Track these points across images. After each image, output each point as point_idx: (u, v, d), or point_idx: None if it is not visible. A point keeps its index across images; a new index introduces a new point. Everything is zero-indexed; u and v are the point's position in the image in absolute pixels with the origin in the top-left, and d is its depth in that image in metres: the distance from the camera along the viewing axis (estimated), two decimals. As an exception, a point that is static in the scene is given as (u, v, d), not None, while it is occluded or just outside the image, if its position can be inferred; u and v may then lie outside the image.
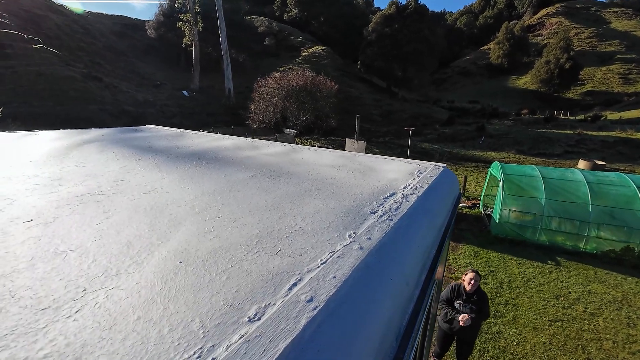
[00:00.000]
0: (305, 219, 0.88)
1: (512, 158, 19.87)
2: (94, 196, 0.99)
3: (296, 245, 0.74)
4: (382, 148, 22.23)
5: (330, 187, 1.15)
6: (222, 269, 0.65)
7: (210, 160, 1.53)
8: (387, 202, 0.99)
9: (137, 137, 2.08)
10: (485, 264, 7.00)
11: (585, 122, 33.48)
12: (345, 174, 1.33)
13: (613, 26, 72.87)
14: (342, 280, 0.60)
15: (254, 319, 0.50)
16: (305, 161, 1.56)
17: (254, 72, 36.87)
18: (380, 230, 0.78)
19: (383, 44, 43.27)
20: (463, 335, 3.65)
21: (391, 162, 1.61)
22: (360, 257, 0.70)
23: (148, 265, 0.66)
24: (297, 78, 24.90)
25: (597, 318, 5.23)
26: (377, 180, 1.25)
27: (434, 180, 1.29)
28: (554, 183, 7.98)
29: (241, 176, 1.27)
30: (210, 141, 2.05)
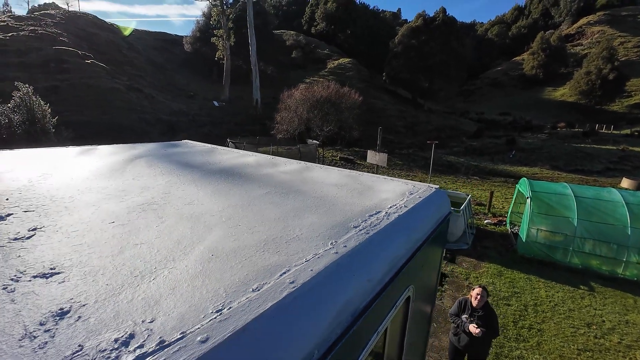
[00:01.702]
0: (302, 230, 1.11)
1: (545, 174, 18.84)
2: (150, 205, 1.29)
3: (291, 248, 0.99)
4: (405, 160, 21.99)
5: (328, 204, 1.37)
6: (239, 261, 0.93)
7: (236, 176, 1.82)
8: (370, 219, 1.21)
9: (177, 152, 2.43)
10: (509, 284, 6.75)
11: (631, 137, 30.99)
12: (344, 193, 1.55)
13: (664, 34, 67.37)
14: (316, 272, 0.86)
15: (256, 289, 0.78)
16: (314, 179, 1.80)
17: (281, 83, 38.18)
18: (356, 240, 1.01)
19: (409, 55, 43.17)
20: (472, 351, 3.62)
21: (389, 182, 1.79)
22: (333, 259, 0.94)
23: (192, 255, 0.95)
24: (321, 89, 25.50)
25: (635, 351, 4.86)
26: (370, 200, 1.46)
27: (421, 201, 1.48)
28: (588, 203, 7.56)
29: (259, 192, 1.53)
30: (236, 157, 2.35)
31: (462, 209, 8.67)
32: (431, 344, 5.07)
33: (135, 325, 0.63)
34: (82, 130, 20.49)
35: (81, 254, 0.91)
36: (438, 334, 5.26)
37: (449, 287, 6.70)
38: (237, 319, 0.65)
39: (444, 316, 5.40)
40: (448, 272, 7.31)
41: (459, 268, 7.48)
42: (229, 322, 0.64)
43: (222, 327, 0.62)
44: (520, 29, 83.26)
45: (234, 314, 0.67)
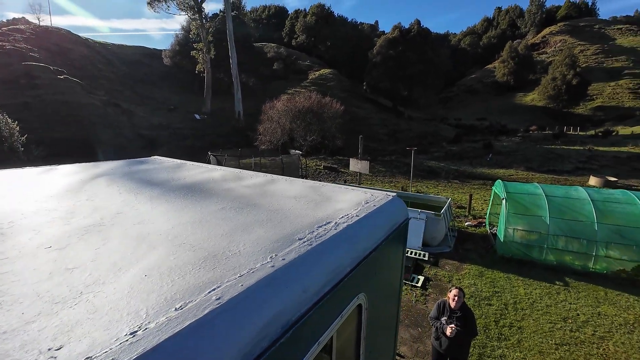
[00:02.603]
0: (246, 245, 1.12)
1: (520, 175, 19.64)
2: (97, 227, 1.26)
3: (229, 264, 0.99)
4: (388, 167, 22.37)
5: (280, 217, 1.39)
6: (171, 280, 0.92)
7: (196, 192, 1.80)
8: (317, 230, 1.23)
9: (141, 170, 2.38)
10: (490, 284, 6.90)
11: (596, 138, 32.95)
12: (301, 205, 1.57)
13: (618, 42, 73.02)
14: (246, 287, 0.87)
15: (179, 308, 0.77)
16: (274, 192, 1.81)
17: (263, 95, 38.33)
18: (297, 253, 1.03)
19: (388, 65, 44.54)
20: (453, 354, 3.66)
21: (349, 192, 1.83)
22: (268, 272, 0.95)
23: (124, 277, 0.94)
24: (304, 100, 25.80)
25: (607, 342, 5.05)
26: (324, 211, 1.48)
27: (374, 210, 1.52)
28: (559, 201, 7.92)
29: (214, 208, 1.52)
30: (202, 172, 2.33)
31: (442, 213, 8.87)
32: (417, 349, 5.08)
33: (40, 354, 0.62)
34: (56, 147, 19.67)
35: (3, 283, 0.88)
36: (423, 339, 5.28)
37: (432, 290, 6.77)
38: (149, 340, 0.64)
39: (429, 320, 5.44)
40: (431, 275, 7.40)
41: (442, 271, 7.59)
42: (140, 344, 0.63)
43: (131, 350, 0.61)
44: (490, 38, 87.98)
45: (147, 335, 0.66)
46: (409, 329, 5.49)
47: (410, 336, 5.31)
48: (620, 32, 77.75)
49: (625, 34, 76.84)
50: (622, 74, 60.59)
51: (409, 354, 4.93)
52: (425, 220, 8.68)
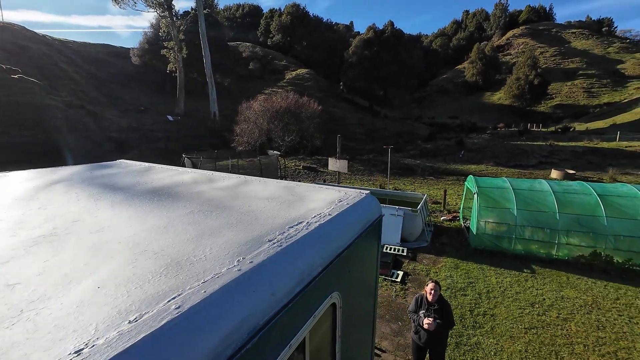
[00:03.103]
0: (213, 249, 1.08)
1: (490, 170, 20.67)
2: (48, 237, 1.16)
3: (194, 270, 0.94)
4: (366, 165, 22.71)
5: (251, 219, 1.35)
6: (127, 290, 0.86)
7: (164, 196, 1.71)
8: (288, 231, 1.21)
9: (105, 174, 2.23)
10: (465, 275, 7.19)
11: (556, 134, 35.38)
12: (273, 206, 1.54)
13: (573, 45, 78.97)
14: (209, 293, 0.83)
15: (132, 321, 0.72)
16: (247, 194, 1.76)
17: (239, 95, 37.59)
18: (265, 255, 1.01)
19: (363, 66, 45.23)
20: (432, 345, 3.77)
21: (323, 191, 1.82)
22: (234, 277, 0.92)
23: (74, 291, 0.86)
24: (281, 100, 25.59)
25: (570, 323, 5.43)
26: (297, 211, 1.46)
27: (347, 208, 1.52)
28: (524, 194, 8.41)
29: (181, 212, 1.46)
30: (172, 176, 2.23)
31: (419, 209, 9.13)
32: (398, 342, 5.19)
33: (-33, 384, 0.55)
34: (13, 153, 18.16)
35: None
36: (404, 332, 5.40)
37: (411, 284, 6.95)
38: (95, 358, 0.60)
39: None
40: (410, 270, 7.59)
41: (420, 265, 7.81)
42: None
43: (73, 370, 0.56)
44: (459, 40, 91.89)
45: (94, 352, 0.61)
46: (389, 324, 5.59)
47: (391, 330, 5.41)
48: (574, 36, 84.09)
49: (578, 37, 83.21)
50: (577, 74, 65.58)
51: (390, 347, 5.02)
52: (402, 217, 8.90)
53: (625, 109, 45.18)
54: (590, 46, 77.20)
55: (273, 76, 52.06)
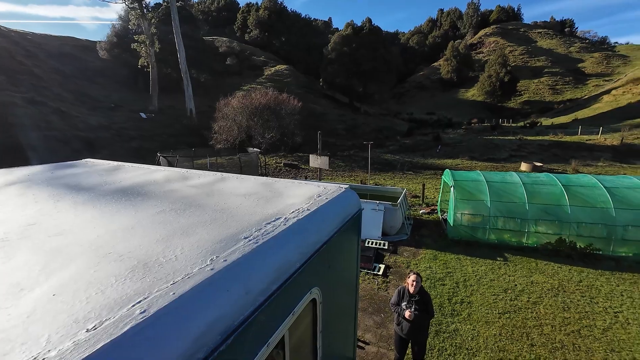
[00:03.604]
0: (184, 249, 1.03)
1: (465, 164, 21.48)
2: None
3: (162, 272, 0.89)
4: (347, 161, 22.89)
5: (227, 217, 1.31)
6: (87, 296, 0.80)
7: (132, 195, 1.62)
8: (265, 227, 1.18)
9: (68, 174, 2.08)
10: (443, 266, 7.44)
11: (525, 128, 37.32)
12: (250, 202, 1.50)
13: (539, 44, 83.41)
14: (179, 295, 0.78)
15: (91, 329, 0.67)
16: (223, 191, 1.71)
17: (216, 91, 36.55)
18: (240, 252, 0.97)
19: (342, 62, 45.38)
20: (413, 336, 3.87)
21: (302, 186, 1.80)
22: (206, 276, 0.88)
23: (26, 299, 0.80)
24: (260, 97, 25.16)
25: (539, 306, 5.77)
26: (275, 207, 1.43)
27: (326, 203, 1.51)
28: (496, 186, 8.81)
29: (151, 212, 1.38)
30: (143, 174, 2.11)
31: (399, 203, 9.33)
32: (380, 334, 5.29)
33: None
34: (-38, 154, 16.67)
35: None
36: (386, 324, 5.51)
37: (393, 277, 7.10)
38: None
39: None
40: (391, 263, 7.75)
41: (401, 258, 8.00)
42: (33, 379, 0.52)
43: (20, 388, 0.50)
44: (435, 38, 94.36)
45: None
46: (372, 316, 5.69)
47: (374, 323, 5.51)
48: (540, 35, 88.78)
49: (544, 37, 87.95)
50: (543, 72, 69.42)
51: (374, 339, 5.12)
52: (383, 211, 9.06)
53: (585, 104, 48.43)
54: (554, 45, 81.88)
55: (252, 72, 51.07)
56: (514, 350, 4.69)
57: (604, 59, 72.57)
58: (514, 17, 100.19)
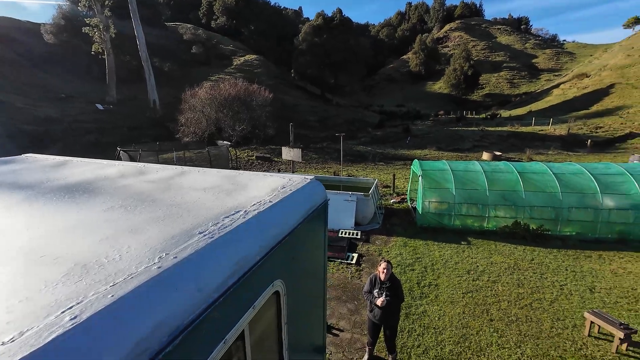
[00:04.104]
0: (131, 248, 0.96)
1: (433, 155, 22.45)
2: None
3: (102, 274, 0.83)
4: (320, 153, 22.94)
5: (182, 212, 1.25)
6: (7, 305, 0.72)
7: (78, 193, 1.48)
8: (222, 221, 1.14)
9: (3, 171, 1.85)
10: (412, 252, 7.78)
11: (486, 120, 39.65)
12: (209, 196, 1.44)
13: (499, 40, 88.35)
14: (117, 298, 0.73)
15: (7, 342, 0.60)
16: (181, 185, 1.62)
17: (183, 82, 34.65)
18: (194, 248, 0.93)
19: (314, 52, 44.94)
20: (385, 321, 4.03)
21: (267, 178, 1.77)
22: (152, 275, 0.83)
23: None
24: (229, 87, 24.24)
25: (497, 284, 6.25)
26: (235, 200, 1.39)
27: (290, 194, 1.50)
28: (460, 175, 9.31)
29: (98, 209, 1.28)
30: (93, 170, 1.94)
31: (371, 193, 9.55)
32: (354, 321, 5.44)
33: None
34: None
35: None
36: (360, 311, 5.67)
37: (366, 265, 7.30)
38: None
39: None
40: (364, 251, 7.96)
41: (373, 246, 8.23)
42: None
43: None
44: (404, 31, 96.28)
45: None
46: (346, 304, 5.83)
47: (348, 310, 5.65)
48: (499, 32, 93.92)
49: (503, 33, 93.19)
50: (502, 66, 73.81)
51: (347, 326, 5.26)
52: (356, 202, 9.23)
53: (538, 97, 52.41)
54: (512, 42, 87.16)
55: (220, 62, 48.92)
56: (476, 326, 5.06)
57: (554, 55, 78.70)
58: (476, 13, 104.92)
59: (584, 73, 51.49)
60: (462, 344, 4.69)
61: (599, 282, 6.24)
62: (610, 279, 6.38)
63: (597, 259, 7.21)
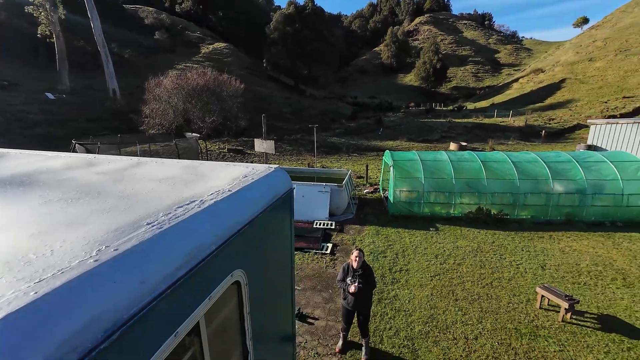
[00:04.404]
0: (67, 242, 0.90)
1: (404, 145, 23.13)
2: None
3: (28, 271, 0.77)
4: (294, 145, 22.76)
5: (131, 204, 1.18)
6: None
7: (12, 186, 1.33)
8: (175, 211, 1.09)
9: None
10: (384, 240, 8.03)
11: (453, 112, 41.47)
12: (164, 187, 1.37)
13: (465, 35, 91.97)
14: (41, 295, 0.67)
15: None
16: (135, 177, 1.52)
17: (145, 70, 32.49)
18: (138, 240, 0.88)
19: (286, 42, 43.99)
20: (359, 308, 4.15)
21: (230, 168, 1.71)
22: (85, 270, 0.77)
23: None
24: (197, 77, 23.10)
25: (462, 266, 6.66)
26: (192, 190, 1.34)
27: (251, 183, 1.46)
28: (429, 164, 9.70)
29: (34, 204, 1.17)
30: (34, 162, 1.76)
31: (344, 184, 9.67)
32: (329, 309, 5.54)
33: None
34: None
35: None
36: (334, 299, 5.79)
37: (340, 254, 7.43)
38: None
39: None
40: (338, 241, 8.09)
41: (347, 236, 8.39)
42: None
43: None
44: (375, 23, 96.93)
45: None
46: (321, 293, 5.92)
47: (323, 299, 5.75)
48: (465, 26, 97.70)
49: (468, 28, 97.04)
50: (468, 60, 77.12)
51: (322, 314, 5.35)
52: (330, 193, 9.31)
53: (500, 91, 55.61)
54: (476, 37, 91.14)
55: (187, 49, 46.33)
56: (442, 306, 5.38)
57: (514, 51, 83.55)
58: (444, 8, 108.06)
59: (540, 68, 55.30)
60: (430, 323, 4.97)
61: (549, 260, 6.86)
62: (558, 256, 7.03)
63: (548, 239, 7.91)
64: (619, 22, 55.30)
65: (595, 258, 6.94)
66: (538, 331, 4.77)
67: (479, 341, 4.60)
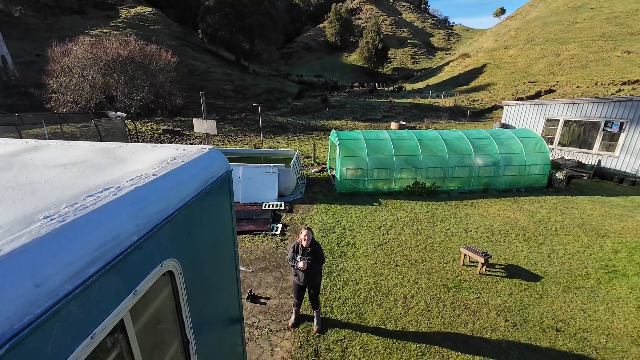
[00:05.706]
0: None
1: (349, 125, 23.78)
2: None
3: None
4: (239, 125, 21.67)
5: (23, 194, 0.99)
6: None
7: None
8: (83, 201, 0.96)
9: None
10: (332, 216, 8.34)
11: (394, 92, 43.69)
12: (69, 174, 1.18)
13: (404, 17, 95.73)
14: None
15: None
16: (31, 163, 1.27)
17: (45, 34, 26.84)
18: (31, 237, 0.76)
19: (224, 12, 40.29)
20: (309, 283, 4.32)
21: (156, 150, 1.55)
22: None
23: None
24: (118, 46, 19.90)
25: (401, 235, 7.33)
26: (107, 176, 1.18)
27: (180, 167, 1.36)
28: (372, 143, 10.18)
29: None
30: None
31: (292, 164, 9.62)
32: (281, 287, 5.64)
33: None
34: None
35: None
36: (286, 277, 5.89)
37: (290, 234, 7.52)
38: None
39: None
40: (288, 221, 8.15)
41: (297, 215, 8.49)
42: None
43: None
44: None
45: None
46: (273, 273, 5.98)
47: (274, 278, 5.82)
48: (404, 9, 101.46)
49: (407, 10, 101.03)
50: (406, 42, 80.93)
51: (274, 293, 5.44)
52: (278, 173, 9.20)
53: (434, 73, 60.10)
54: (414, 19, 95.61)
55: (101, 12, 39.32)
56: (385, 272, 5.90)
57: (446, 35, 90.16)
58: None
59: (466, 53, 60.95)
60: (374, 289, 5.44)
61: (470, 224, 7.97)
62: (477, 220, 8.20)
63: (470, 206, 9.14)
64: (527, 14, 63.29)
65: (504, 219, 8.28)
66: (461, 284, 5.60)
67: (415, 299, 5.22)
